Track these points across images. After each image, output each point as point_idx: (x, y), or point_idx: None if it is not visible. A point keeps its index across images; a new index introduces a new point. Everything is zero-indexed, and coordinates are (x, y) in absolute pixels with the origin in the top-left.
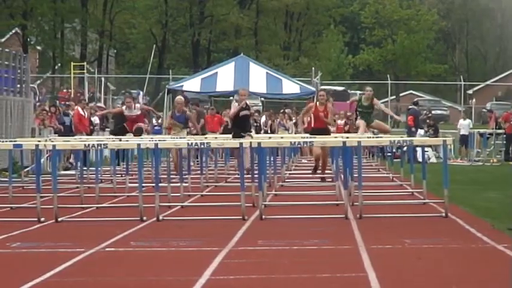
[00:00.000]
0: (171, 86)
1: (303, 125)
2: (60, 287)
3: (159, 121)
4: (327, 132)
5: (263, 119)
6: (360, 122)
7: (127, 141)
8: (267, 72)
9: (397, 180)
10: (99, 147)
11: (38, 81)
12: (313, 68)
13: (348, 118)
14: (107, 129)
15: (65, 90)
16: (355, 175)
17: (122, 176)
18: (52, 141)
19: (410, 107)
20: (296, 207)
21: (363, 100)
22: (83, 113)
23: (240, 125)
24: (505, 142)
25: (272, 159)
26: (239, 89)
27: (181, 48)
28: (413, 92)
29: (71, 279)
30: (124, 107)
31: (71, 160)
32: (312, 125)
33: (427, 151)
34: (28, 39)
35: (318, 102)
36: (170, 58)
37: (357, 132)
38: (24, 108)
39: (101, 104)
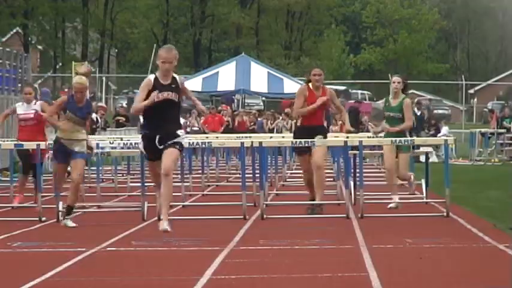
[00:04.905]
0: None
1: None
2: (61, 287)
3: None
4: (323, 132)
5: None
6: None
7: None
8: (268, 72)
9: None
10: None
11: (39, 81)
12: None
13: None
14: (108, 129)
15: (66, 90)
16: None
17: (123, 176)
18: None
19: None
20: (297, 207)
21: (390, 100)
22: None
23: (156, 120)
24: None
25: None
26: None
27: (183, 48)
28: (415, 92)
29: (72, 279)
30: (19, 104)
31: None
32: (303, 121)
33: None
34: (29, 39)
35: (310, 85)
36: None
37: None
38: None
39: (102, 104)
